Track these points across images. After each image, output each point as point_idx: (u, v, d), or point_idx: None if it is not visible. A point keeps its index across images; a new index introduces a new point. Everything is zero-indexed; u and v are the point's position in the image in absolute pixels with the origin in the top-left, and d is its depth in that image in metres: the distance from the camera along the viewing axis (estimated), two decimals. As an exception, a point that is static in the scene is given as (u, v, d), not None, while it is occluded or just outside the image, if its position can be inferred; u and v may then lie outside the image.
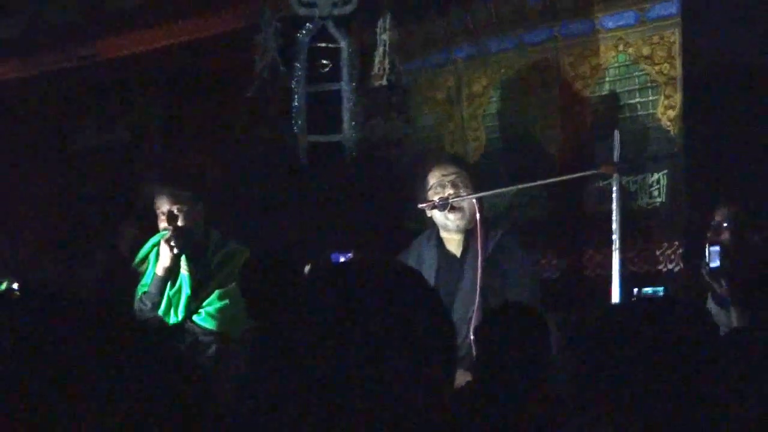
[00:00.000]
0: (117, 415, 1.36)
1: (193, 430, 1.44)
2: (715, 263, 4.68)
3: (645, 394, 2.16)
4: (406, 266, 1.89)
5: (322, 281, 1.75)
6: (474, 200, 5.17)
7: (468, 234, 5.22)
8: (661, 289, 5.32)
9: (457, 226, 5.23)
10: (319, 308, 1.68)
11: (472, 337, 4.59)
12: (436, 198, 5.22)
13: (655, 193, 5.83)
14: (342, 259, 5.18)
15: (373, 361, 1.62)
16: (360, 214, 6.64)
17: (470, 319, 4.93)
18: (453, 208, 5.19)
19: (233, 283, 5.09)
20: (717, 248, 4.69)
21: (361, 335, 1.63)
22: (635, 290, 5.17)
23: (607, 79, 6.08)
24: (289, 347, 1.68)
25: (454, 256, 5.26)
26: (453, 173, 5.27)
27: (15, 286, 6.21)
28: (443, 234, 5.31)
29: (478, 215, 5.14)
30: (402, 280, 1.75)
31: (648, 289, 5.25)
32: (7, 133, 8.65)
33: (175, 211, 5.31)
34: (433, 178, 5.27)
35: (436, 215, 5.25)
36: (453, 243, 5.28)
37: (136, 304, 5.35)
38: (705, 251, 4.72)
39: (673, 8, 5.81)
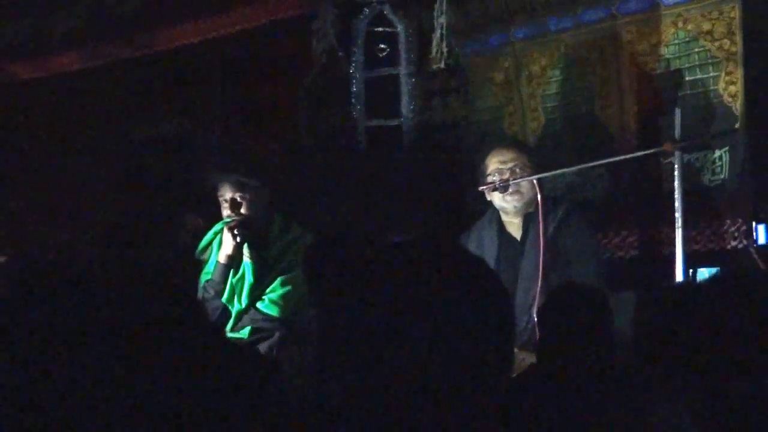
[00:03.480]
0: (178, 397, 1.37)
1: (260, 415, 1.46)
2: (763, 240, 4.70)
3: (712, 373, 2.16)
4: (460, 246, 1.89)
5: (377, 262, 1.75)
6: (534, 183, 5.12)
7: (528, 217, 5.18)
8: (716, 269, 5.28)
9: (516, 208, 5.18)
10: (374, 289, 1.68)
11: (535, 320, 4.59)
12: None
13: (718, 170, 5.78)
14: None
15: (432, 343, 1.63)
16: (420, 198, 6.64)
17: (532, 302, 4.90)
18: (512, 191, 5.15)
19: (296, 270, 5.10)
20: (764, 225, 4.70)
21: (417, 317, 1.64)
22: (690, 271, 5.14)
23: (667, 56, 6.03)
24: (349, 330, 1.69)
25: (514, 239, 5.21)
26: (511, 160, 5.20)
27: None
28: (503, 217, 5.27)
29: (539, 196, 5.11)
30: (457, 260, 1.75)
31: (703, 270, 5.22)
32: (68, 125, 8.74)
33: (239, 199, 5.34)
34: (491, 165, 5.22)
35: (495, 198, 5.20)
36: (513, 226, 5.24)
37: (200, 292, 5.39)
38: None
39: (733, -18, 5.75)
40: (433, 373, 1.63)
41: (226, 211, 5.36)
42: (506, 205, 5.18)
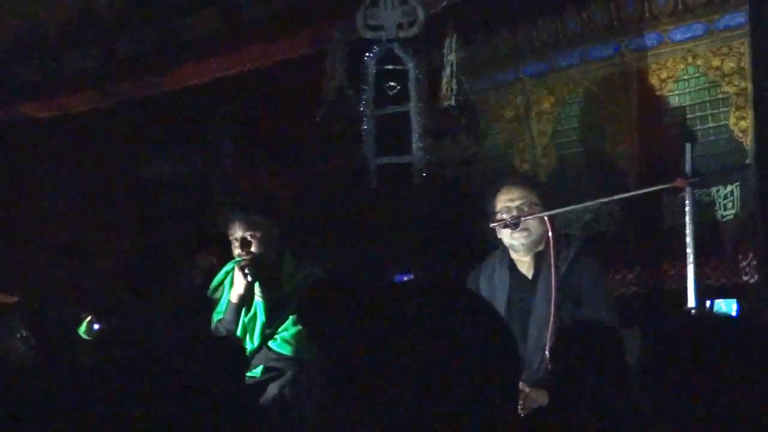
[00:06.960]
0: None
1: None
2: None
3: (720, 409, 2.15)
4: (464, 286, 1.88)
5: (377, 302, 1.75)
6: (544, 220, 5.05)
7: (539, 255, 5.11)
8: (733, 300, 5.27)
9: (525, 246, 5.09)
10: (374, 329, 1.69)
11: (548, 357, 4.57)
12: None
13: (729, 205, 5.77)
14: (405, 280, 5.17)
15: (435, 382, 1.63)
16: (430, 235, 6.64)
17: (545, 341, 4.86)
18: (521, 228, 5.05)
19: (308, 308, 5.09)
20: None
21: (419, 356, 1.64)
22: (708, 302, 5.12)
23: (677, 91, 6.03)
24: (350, 368, 1.70)
25: (526, 278, 5.13)
26: (519, 198, 5.10)
27: (96, 326, 6.26)
28: (513, 255, 5.18)
29: (550, 233, 5.05)
30: (459, 299, 1.75)
31: (720, 301, 5.21)
32: (81, 164, 8.77)
33: (249, 238, 5.34)
34: (500, 202, 5.13)
35: (505, 236, 5.12)
36: (524, 264, 5.16)
37: (212, 332, 5.39)
38: None
39: (742, 18, 5.76)
40: (437, 412, 1.63)
41: (236, 250, 5.37)
42: (515, 242, 5.10)
